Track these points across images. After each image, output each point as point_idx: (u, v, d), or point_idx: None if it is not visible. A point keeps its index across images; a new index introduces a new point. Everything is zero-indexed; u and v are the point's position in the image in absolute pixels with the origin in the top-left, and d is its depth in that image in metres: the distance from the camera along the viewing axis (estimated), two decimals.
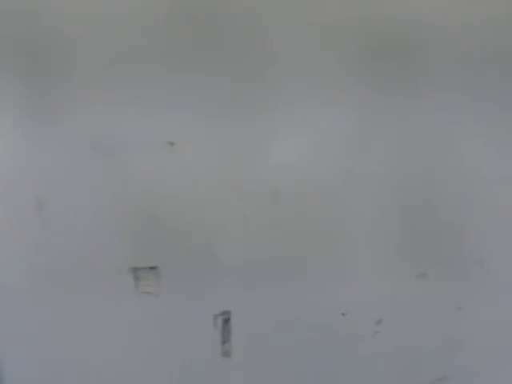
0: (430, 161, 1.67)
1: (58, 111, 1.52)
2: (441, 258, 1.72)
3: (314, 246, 1.66)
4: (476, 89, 1.64)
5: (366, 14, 1.58)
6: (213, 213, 1.60)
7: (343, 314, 1.69)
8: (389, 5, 1.59)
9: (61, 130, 1.53)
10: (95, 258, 1.58)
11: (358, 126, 1.63)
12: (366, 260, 1.69)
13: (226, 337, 1.66)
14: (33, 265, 1.57)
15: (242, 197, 1.61)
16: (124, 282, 1.60)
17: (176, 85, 1.55)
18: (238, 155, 1.60)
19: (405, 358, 1.74)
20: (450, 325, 1.75)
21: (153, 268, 1.61)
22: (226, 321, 1.66)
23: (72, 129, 1.53)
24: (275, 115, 1.60)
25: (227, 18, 1.55)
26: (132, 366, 1.64)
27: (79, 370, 1.63)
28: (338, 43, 1.59)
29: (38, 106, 1.52)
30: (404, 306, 1.72)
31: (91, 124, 1.54)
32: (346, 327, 1.69)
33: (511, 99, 1.65)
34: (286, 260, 1.65)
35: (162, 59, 1.55)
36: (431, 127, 1.65)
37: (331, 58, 1.60)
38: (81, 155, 1.54)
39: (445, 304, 1.74)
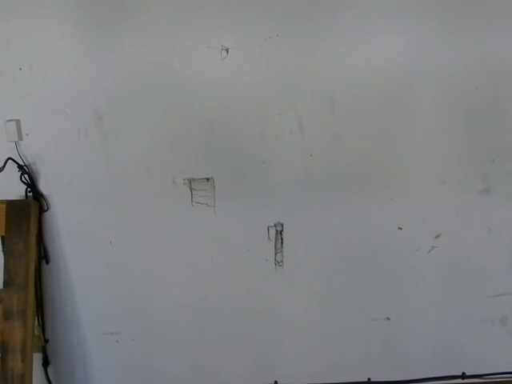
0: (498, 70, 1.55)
1: (114, 22, 1.50)
2: (507, 173, 1.63)
3: (372, 158, 1.61)
4: None
5: None
6: (268, 121, 1.57)
7: (400, 229, 1.66)
8: None
9: (118, 40, 1.51)
10: (153, 168, 1.61)
11: (421, 41, 1.52)
12: (427, 172, 1.62)
13: (278, 247, 1.69)
14: (95, 173, 1.61)
15: (297, 104, 1.55)
16: (180, 192, 1.63)
17: None
18: (293, 61, 1.52)
19: (463, 273, 1.72)
20: None
21: (208, 179, 1.63)
22: (279, 232, 1.67)
23: (130, 37, 1.50)
24: (337, 23, 1.50)
25: None
26: (186, 271, 1.71)
27: (135, 271, 1.71)
28: None
29: (99, 19, 1.50)
30: (464, 221, 1.66)
31: (149, 32, 1.50)
32: (401, 241, 1.67)
33: None
34: (342, 172, 1.62)
35: None
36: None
37: None
38: (138, 64, 1.52)
39: (509, 221, 1.66)
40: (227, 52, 1.51)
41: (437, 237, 1.68)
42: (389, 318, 1.77)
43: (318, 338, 1.80)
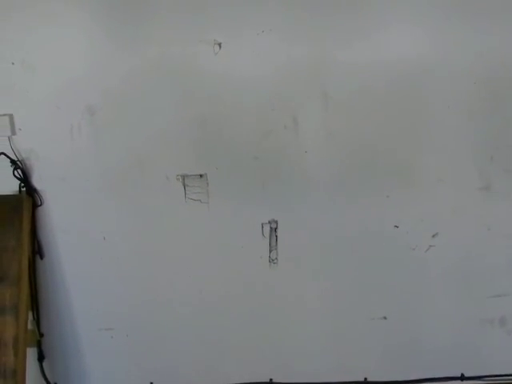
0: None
1: (107, 18, 1.48)
2: (505, 170, 1.58)
3: (368, 154, 1.57)
4: None
5: None
6: (261, 117, 1.54)
7: (396, 227, 1.63)
8: None
9: (111, 37, 1.49)
10: (146, 164, 1.60)
11: (417, 37, 1.48)
12: (424, 170, 1.58)
13: (272, 245, 1.66)
14: (88, 168, 1.60)
15: (291, 100, 1.52)
16: (173, 188, 1.61)
17: None
18: (287, 56, 1.49)
19: (461, 273, 1.68)
20: None
21: (201, 176, 1.61)
22: (274, 229, 1.65)
23: (122, 34, 1.48)
24: (332, 18, 1.46)
25: None
26: (180, 268, 1.70)
27: (129, 267, 1.70)
28: None
29: (93, 15, 1.48)
30: (463, 220, 1.62)
31: (141, 28, 1.47)
32: (398, 240, 1.64)
33: None
34: (337, 169, 1.59)
35: None
36: None
37: None
38: (130, 60, 1.50)
39: (508, 219, 1.62)
40: (220, 46, 1.48)
41: (434, 236, 1.64)
42: (386, 318, 1.75)
43: (314, 337, 1.78)
